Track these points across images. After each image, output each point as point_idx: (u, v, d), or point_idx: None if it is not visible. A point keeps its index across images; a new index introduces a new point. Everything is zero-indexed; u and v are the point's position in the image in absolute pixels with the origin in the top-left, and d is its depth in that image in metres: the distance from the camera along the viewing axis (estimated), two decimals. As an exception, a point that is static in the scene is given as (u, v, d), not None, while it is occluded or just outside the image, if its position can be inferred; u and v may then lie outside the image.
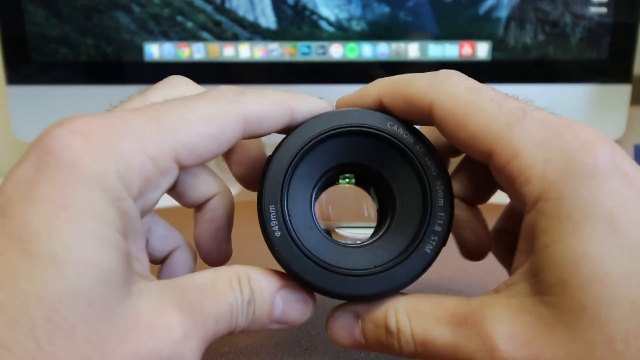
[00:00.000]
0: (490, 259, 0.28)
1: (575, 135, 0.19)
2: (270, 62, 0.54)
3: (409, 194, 0.23)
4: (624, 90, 0.53)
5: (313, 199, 0.24)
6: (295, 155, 0.22)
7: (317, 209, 0.25)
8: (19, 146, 0.70)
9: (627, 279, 0.17)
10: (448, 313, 0.21)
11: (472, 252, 0.27)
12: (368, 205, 0.26)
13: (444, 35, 0.53)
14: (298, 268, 0.22)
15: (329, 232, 0.25)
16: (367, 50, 0.53)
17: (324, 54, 0.53)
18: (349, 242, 0.24)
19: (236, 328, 0.21)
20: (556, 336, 0.18)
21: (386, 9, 0.52)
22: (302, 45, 0.53)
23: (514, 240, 0.27)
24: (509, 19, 0.52)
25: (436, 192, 0.22)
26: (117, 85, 0.55)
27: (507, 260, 0.27)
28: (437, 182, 0.22)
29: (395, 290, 0.22)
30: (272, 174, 0.22)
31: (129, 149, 0.18)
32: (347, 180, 0.26)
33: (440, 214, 0.22)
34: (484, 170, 0.23)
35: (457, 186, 0.26)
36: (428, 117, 0.22)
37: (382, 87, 0.23)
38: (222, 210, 0.25)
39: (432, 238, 0.22)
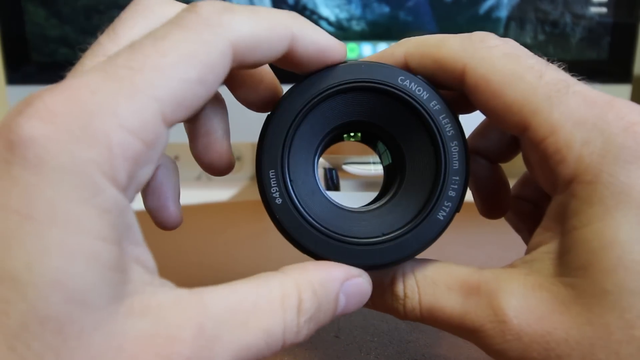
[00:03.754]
0: (506, 237, 0.27)
1: (619, 116, 0.18)
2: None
3: (420, 156, 0.21)
4: (624, 91, 0.53)
5: (316, 161, 0.23)
6: (297, 115, 0.20)
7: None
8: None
9: None
10: (459, 281, 0.20)
11: (490, 211, 0.26)
12: (375, 161, 0.25)
13: (444, 35, 0.53)
14: (301, 238, 0.20)
15: (334, 174, 0.24)
16: (367, 50, 0.53)
17: (324, 54, 0.53)
18: (354, 207, 0.23)
19: (282, 347, 0.17)
20: (572, 316, 0.17)
21: (386, 9, 0.52)
22: (302, 45, 0.53)
23: (528, 206, 0.26)
24: (509, 19, 0.52)
25: (451, 154, 0.21)
26: (117, 85, 0.55)
27: (521, 226, 0.27)
28: (453, 144, 0.21)
29: (404, 259, 0.21)
30: (271, 135, 0.20)
31: (105, 128, 0.15)
32: (352, 136, 0.24)
33: (454, 177, 0.21)
34: None
35: (480, 143, 0.25)
36: (459, 83, 0.21)
37: (410, 48, 0.22)
38: (217, 119, 0.22)
39: (446, 204, 0.20)
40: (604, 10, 0.51)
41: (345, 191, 0.25)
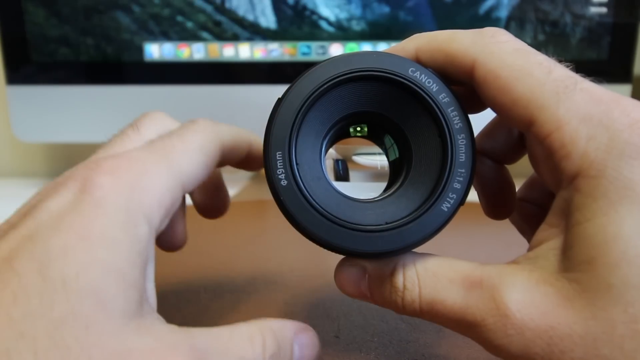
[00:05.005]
0: (510, 235, 0.28)
1: (625, 113, 0.18)
2: (270, 62, 0.54)
3: (427, 148, 0.21)
4: (624, 90, 0.53)
5: (323, 149, 0.23)
6: (307, 100, 0.21)
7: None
8: (19, 146, 0.70)
9: None
10: (461, 275, 0.20)
11: (496, 212, 0.26)
12: (381, 157, 0.25)
13: (444, 35, 0.53)
14: (304, 220, 0.20)
15: (343, 165, 0.24)
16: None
17: (324, 53, 0.53)
18: (359, 197, 0.23)
19: None
20: (576, 311, 0.17)
21: (386, 9, 0.52)
22: (302, 45, 0.53)
23: (534, 209, 0.26)
24: (509, 19, 0.52)
25: (458, 147, 0.21)
26: (117, 85, 0.55)
27: (526, 228, 0.27)
28: (460, 136, 0.21)
29: (407, 249, 0.21)
30: (280, 118, 0.21)
31: (152, 185, 0.20)
32: (358, 129, 0.24)
33: (460, 170, 0.20)
34: (516, 130, 0.22)
35: (487, 143, 0.26)
36: (468, 77, 0.21)
37: (421, 42, 0.22)
38: (217, 172, 0.28)
39: (450, 196, 0.20)
40: (604, 10, 0.51)
41: (355, 182, 0.25)
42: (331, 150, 0.25)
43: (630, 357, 0.16)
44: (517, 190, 0.27)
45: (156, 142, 0.22)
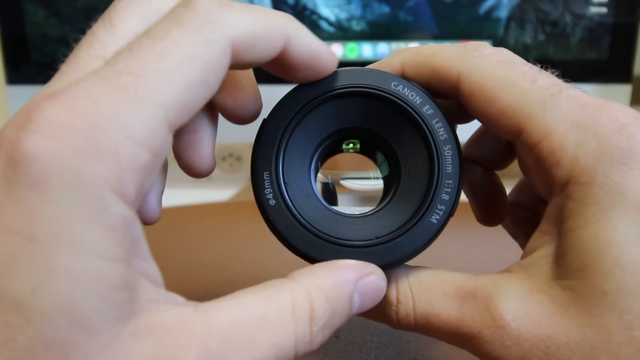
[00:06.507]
0: (502, 243, 0.28)
1: (612, 118, 0.18)
2: (270, 62, 0.54)
3: (414, 161, 0.22)
4: (624, 90, 0.53)
5: (312, 166, 0.23)
6: (292, 119, 0.21)
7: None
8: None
9: None
10: (454, 287, 0.20)
11: (488, 218, 0.26)
12: (375, 174, 0.25)
13: (444, 35, 0.53)
14: (293, 238, 0.20)
15: (332, 188, 0.24)
16: (367, 50, 0.53)
17: (324, 54, 0.53)
18: (350, 212, 0.23)
19: (295, 358, 0.17)
20: (571, 319, 0.17)
21: (386, 9, 0.52)
22: (302, 45, 0.53)
23: (525, 213, 0.26)
24: (509, 19, 0.52)
25: (444, 158, 0.21)
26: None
27: (518, 232, 0.27)
28: (446, 147, 0.21)
29: (398, 263, 0.21)
30: (266, 138, 0.21)
31: (112, 141, 0.14)
32: (351, 146, 0.24)
33: (448, 181, 0.21)
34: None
35: (475, 150, 0.26)
36: (454, 90, 0.21)
37: (406, 57, 0.22)
38: (207, 119, 0.21)
39: (439, 207, 0.20)
40: (604, 10, 0.51)
41: (343, 206, 0.25)
42: (320, 175, 0.25)
43: None
44: (507, 194, 0.27)
45: (119, 62, 0.15)
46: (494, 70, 0.20)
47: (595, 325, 0.17)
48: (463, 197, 0.21)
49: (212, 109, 0.22)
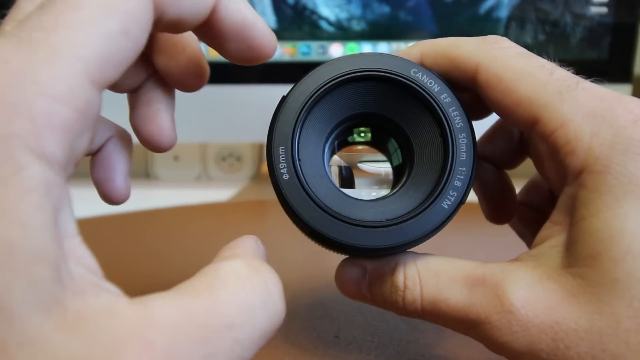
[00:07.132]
0: (506, 243, 0.28)
1: (627, 110, 0.19)
2: (270, 62, 0.54)
3: (429, 148, 0.22)
4: (624, 90, 0.53)
5: (327, 149, 0.23)
6: (310, 98, 0.21)
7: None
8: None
9: None
10: (463, 273, 0.20)
11: (496, 216, 0.26)
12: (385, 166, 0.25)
13: (444, 35, 0.52)
14: (305, 214, 0.20)
15: (349, 172, 0.25)
16: (367, 50, 0.53)
17: (324, 53, 0.53)
18: (362, 196, 0.23)
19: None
20: (581, 306, 0.17)
21: (386, 9, 0.52)
22: (302, 45, 0.53)
23: (533, 213, 0.27)
24: (509, 19, 0.52)
25: (459, 146, 0.21)
26: (117, 85, 0.55)
27: (525, 232, 0.27)
28: (461, 135, 0.21)
29: (407, 245, 0.21)
30: (284, 114, 0.21)
31: (25, 98, 0.13)
32: (362, 136, 0.24)
33: (461, 168, 0.21)
34: (517, 135, 0.22)
35: (487, 148, 0.26)
36: (471, 81, 0.21)
37: (426, 48, 0.23)
38: (160, 90, 0.21)
39: (451, 193, 0.20)
40: (604, 10, 0.51)
41: (360, 189, 0.25)
42: (335, 158, 0.25)
43: (636, 351, 0.17)
44: (516, 194, 0.27)
45: (30, 20, 0.14)
46: (512, 62, 0.20)
47: (605, 312, 0.17)
48: (469, 197, 0.21)
49: (164, 81, 0.22)
